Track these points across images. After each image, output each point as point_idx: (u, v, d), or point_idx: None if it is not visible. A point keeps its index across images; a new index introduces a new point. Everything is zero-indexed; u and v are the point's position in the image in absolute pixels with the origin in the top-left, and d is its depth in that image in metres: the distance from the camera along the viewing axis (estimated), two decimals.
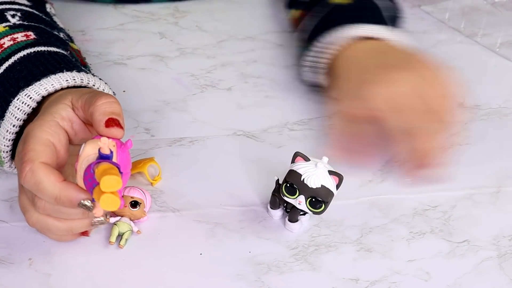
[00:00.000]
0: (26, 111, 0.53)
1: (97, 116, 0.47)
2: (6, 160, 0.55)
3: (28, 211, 0.49)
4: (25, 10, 0.63)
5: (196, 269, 0.51)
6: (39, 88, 0.53)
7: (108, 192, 0.43)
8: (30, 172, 0.46)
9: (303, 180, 0.51)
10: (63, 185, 0.46)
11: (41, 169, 0.46)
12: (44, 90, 0.53)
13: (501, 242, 0.54)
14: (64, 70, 0.54)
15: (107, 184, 0.43)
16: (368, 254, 0.53)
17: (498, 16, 0.86)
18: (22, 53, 0.56)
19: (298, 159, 0.52)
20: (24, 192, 0.49)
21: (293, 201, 0.52)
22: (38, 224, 0.49)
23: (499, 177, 0.61)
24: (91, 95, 0.49)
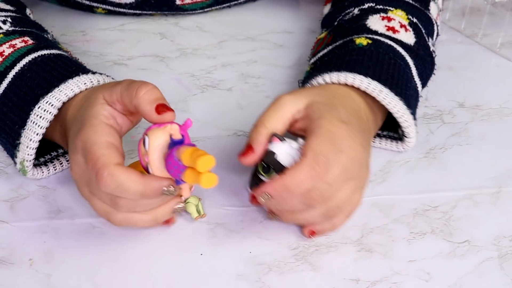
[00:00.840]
0: (48, 119, 0.53)
1: (144, 106, 0.49)
2: (29, 169, 0.55)
3: (110, 213, 0.50)
4: (14, 16, 0.63)
5: (197, 269, 0.51)
6: (59, 95, 0.53)
7: (206, 171, 0.46)
8: (109, 176, 0.47)
9: (277, 159, 0.52)
10: (145, 180, 0.48)
11: (119, 171, 0.47)
12: (65, 96, 0.53)
13: (501, 243, 0.54)
14: (80, 73, 0.54)
15: (204, 164, 0.45)
16: (368, 255, 0.53)
17: (499, 16, 0.86)
18: (26, 59, 0.56)
19: (274, 139, 0.53)
20: (97, 198, 0.50)
21: (268, 179, 0.53)
22: (125, 222, 0.50)
23: (500, 177, 0.61)
24: (126, 87, 0.50)
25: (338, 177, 0.50)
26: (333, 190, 0.50)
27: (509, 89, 0.74)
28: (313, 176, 0.49)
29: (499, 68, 0.77)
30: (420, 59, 0.63)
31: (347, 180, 0.51)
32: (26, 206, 0.55)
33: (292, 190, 0.49)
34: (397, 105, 0.57)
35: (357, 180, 0.52)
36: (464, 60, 0.78)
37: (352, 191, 0.52)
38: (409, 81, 0.61)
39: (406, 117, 0.58)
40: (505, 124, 0.68)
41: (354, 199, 0.53)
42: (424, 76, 0.64)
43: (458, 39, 0.82)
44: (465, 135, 0.66)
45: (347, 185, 0.51)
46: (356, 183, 0.52)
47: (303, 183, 0.49)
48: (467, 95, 0.72)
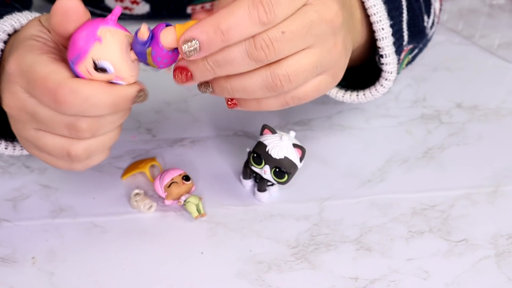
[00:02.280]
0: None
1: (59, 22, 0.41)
2: None
3: (70, 147, 0.43)
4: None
5: (197, 268, 0.51)
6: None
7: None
8: (71, 93, 0.39)
9: (268, 151, 0.53)
10: (113, 88, 0.41)
11: (81, 84, 0.40)
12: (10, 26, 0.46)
13: (498, 241, 0.55)
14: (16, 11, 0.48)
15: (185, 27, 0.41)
16: (367, 253, 0.53)
17: (496, 17, 0.87)
18: None
19: (265, 131, 0.55)
20: (48, 132, 0.43)
21: (259, 170, 0.55)
22: (88, 154, 0.44)
23: (497, 176, 0.62)
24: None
25: (297, 30, 0.40)
26: (287, 45, 0.41)
27: (506, 89, 0.74)
28: (255, 16, 0.39)
29: (496, 69, 0.78)
30: (413, 10, 0.58)
31: (310, 44, 0.42)
32: (28, 205, 0.55)
33: (227, 34, 0.39)
34: (378, 7, 0.51)
35: (325, 64, 0.44)
36: (461, 61, 0.78)
37: (314, 67, 0.43)
38: (400, 11, 0.55)
39: (385, 24, 0.51)
40: (502, 124, 0.69)
41: (313, 82, 0.44)
42: (412, 28, 0.58)
43: (455, 40, 0.83)
44: (463, 135, 0.67)
45: (309, 54, 0.42)
46: (323, 68, 0.44)
47: (241, 24, 0.39)
48: (465, 95, 0.72)
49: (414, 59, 0.64)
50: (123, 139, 0.63)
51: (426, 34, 0.62)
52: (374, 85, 0.55)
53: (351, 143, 0.65)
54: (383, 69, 0.54)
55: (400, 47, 0.56)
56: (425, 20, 0.62)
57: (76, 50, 0.41)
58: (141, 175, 0.59)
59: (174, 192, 0.55)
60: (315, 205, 0.57)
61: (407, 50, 0.59)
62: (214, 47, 0.40)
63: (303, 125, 0.66)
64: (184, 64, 0.43)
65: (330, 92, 0.57)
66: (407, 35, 0.57)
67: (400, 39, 0.55)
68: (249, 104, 0.46)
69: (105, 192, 0.57)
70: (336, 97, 0.57)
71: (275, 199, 0.58)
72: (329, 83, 0.46)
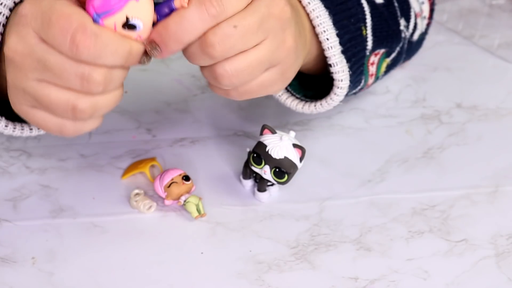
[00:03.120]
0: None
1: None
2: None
3: (76, 102, 0.41)
4: None
5: (197, 268, 0.51)
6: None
7: None
8: (92, 36, 0.38)
9: (268, 151, 0.53)
10: (126, 38, 0.40)
11: (102, 29, 0.39)
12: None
13: (498, 241, 0.55)
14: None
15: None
16: (367, 253, 0.53)
17: (496, 17, 0.87)
18: None
19: (265, 131, 0.55)
20: (52, 85, 0.41)
21: (259, 170, 0.55)
22: (92, 112, 0.42)
23: (497, 176, 0.62)
24: None
25: (249, 24, 0.42)
26: (240, 41, 0.42)
27: (506, 89, 0.74)
28: (204, 15, 0.40)
29: (496, 69, 0.78)
30: (379, 15, 0.59)
31: (261, 40, 0.43)
32: (28, 205, 0.55)
33: (180, 36, 0.41)
34: (322, 18, 0.52)
35: (273, 60, 0.44)
36: (461, 61, 0.79)
37: (262, 62, 0.44)
38: (353, 13, 0.55)
39: (330, 34, 0.52)
40: (502, 124, 0.69)
41: (260, 78, 0.45)
42: (379, 33, 0.59)
43: (455, 40, 0.83)
44: (463, 135, 0.67)
45: (258, 50, 0.43)
46: (271, 64, 0.45)
47: (193, 25, 0.41)
48: (465, 95, 0.72)
49: (396, 61, 0.64)
50: (123, 139, 0.63)
51: (401, 38, 0.63)
52: (329, 95, 0.56)
53: (351, 143, 0.65)
54: (334, 77, 0.55)
55: (360, 53, 0.56)
56: (401, 23, 0.63)
57: (108, 5, 0.40)
58: (141, 175, 0.59)
59: (174, 192, 0.55)
60: (315, 205, 0.57)
61: (380, 54, 0.60)
62: (172, 49, 0.42)
63: (303, 125, 0.67)
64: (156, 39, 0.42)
65: (291, 104, 0.58)
66: (371, 40, 0.58)
67: (358, 46, 0.56)
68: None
69: (105, 192, 0.57)
70: (296, 108, 0.58)
71: (275, 199, 0.58)
72: (275, 80, 0.47)
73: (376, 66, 0.60)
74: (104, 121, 0.64)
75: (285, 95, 0.58)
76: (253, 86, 0.46)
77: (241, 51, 0.43)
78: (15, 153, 0.60)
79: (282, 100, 0.59)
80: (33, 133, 0.52)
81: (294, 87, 0.59)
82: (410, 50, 0.68)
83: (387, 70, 0.63)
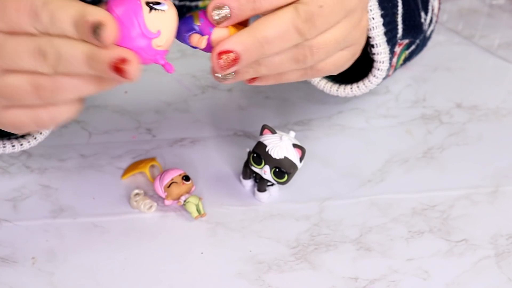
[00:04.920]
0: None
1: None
2: None
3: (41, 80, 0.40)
4: None
5: (197, 268, 0.51)
6: None
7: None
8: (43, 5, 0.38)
9: (268, 151, 0.53)
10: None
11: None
12: None
13: (498, 241, 0.55)
14: None
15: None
16: (367, 253, 0.53)
17: (496, 17, 0.87)
18: None
19: (265, 131, 0.55)
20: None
21: (259, 170, 0.55)
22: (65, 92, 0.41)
23: (497, 177, 0.62)
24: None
25: (334, 4, 0.43)
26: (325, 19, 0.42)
27: (506, 89, 0.74)
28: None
29: (496, 69, 0.78)
30: (408, 4, 0.59)
31: (341, 19, 0.44)
32: (28, 205, 0.55)
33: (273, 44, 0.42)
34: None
35: (349, 40, 0.45)
36: (461, 61, 0.79)
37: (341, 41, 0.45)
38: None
39: (375, 14, 0.52)
40: (502, 124, 0.69)
41: (335, 57, 0.46)
42: (408, 22, 0.59)
43: (455, 40, 0.83)
44: (463, 135, 0.67)
45: (337, 29, 0.44)
46: (347, 44, 0.46)
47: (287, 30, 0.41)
48: (465, 95, 0.72)
49: (412, 56, 0.64)
50: (123, 139, 0.63)
51: (423, 30, 0.63)
52: (367, 76, 0.56)
53: (351, 143, 0.65)
54: (375, 59, 0.54)
55: (394, 39, 0.56)
56: (422, 16, 0.62)
57: None
58: (141, 175, 0.59)
59: (174, 192, 0.55)
60: (315, 205, 0.57)
61: (404, 44, 0.59)
62: (245, 13, 0.41)
63: (303, 125, 0.67)
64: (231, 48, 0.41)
65: (324, 87, 0.57)
66: (401, 28, 0.57)
67: (393, 31, 0.56)
68: (270, 77, 0.46)
69: (105, 192, 0.57)
70: (331, 91, 0.57)
71: (275, 199, 0.58)
72: (348, 59, 0.47)
73: (397, 57, 0.59)
74: (104, 121, 0.65)
75: (318, 77, 0.57)
76: (328, 64, 0.46)
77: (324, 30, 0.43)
78: (15, 153, 0.60)
79: (315, 82, 0.57)
80: (24, 146, 0.52)
81: None
82: (423, 46, 0.68)
83: (402, 63, 0.63)
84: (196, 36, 0.43)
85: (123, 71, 0.39)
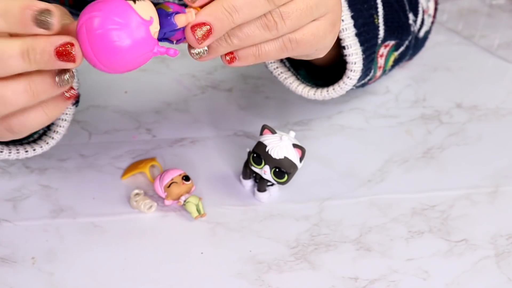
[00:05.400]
0: None
1: None
2: None
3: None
4: None
5: (197, 268, 0.51)
6: None
7: None
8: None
9: (268, 151, 0.53)
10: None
11: None
12: None
13: (498, 241, 0.55)
14: None
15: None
16: (367, 253, 0.53)
17: (496, 17, 0.87)
18: None
19: (265, 131, 0.55)
20: None
21: (259, 170, 0.55)
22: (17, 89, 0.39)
23: (497, 176, 0.62)
24: None
25: None
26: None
27: (505, 89, 0.74)
28: None
29: (496, 69, 0.78)
30: (390, 5, 0.59)
31: None
32: (28, 205, 0.55)
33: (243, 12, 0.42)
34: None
35: (321, 7, 0.45)
36: (461, 61, 0.79)
37: (310, 7, 0.44)
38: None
39: (345, 16, 0.52)
40: (502, 124, 0.69)
41: (311, 26, 0.45)
42: (390, 23, 0.59)
43: (455, 40, 0.83)
44: (463, 135, 0.67)
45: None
46: (320, 12, 0.45)
47: None
48: (465, 95, 0.72)
49: (403, 57, 0.64)
50: (123, 139, 0.64)
51: (410, 32, 0.63)
52: (342, 78, 0.56)
53: (351, 143, 0.65)
54: (347, 60, 0.54)
55: (373, 39, 0.56)
56: (410, 17, 0.63)
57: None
58: (141, 175, 0.59)
59: (174, 192, 0.55)
60: (315, 205, 0.57)
61: (390, 46, 0.59)
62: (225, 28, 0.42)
63: (303, 125, 0.67)
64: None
65: (302, 91, 0.58)
66: (383, 29, 0.57)
67: (370, 32, 0.56)
68: (248, 53, 0.46)
69: (105, 192, 0.57)
70: (308, 95, 0.58)
71: (275, 199, 0.58)
72: (326, 29, 0.47)
73: (384, 58, 0.60)
74: (104, 121, 0.65)
75: (296, 83, 0.58)
76: (306, 35, 0.45)
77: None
78: None
79: (293, 87, 0.58)
80: (37, 151, 0.53)
81: (303, 76, 0.59)
82: (416, 47, 0.68)
83: (394, 64, 0.63)
84: (182, 15, 0.42)
85: (70, 54, 0.38)
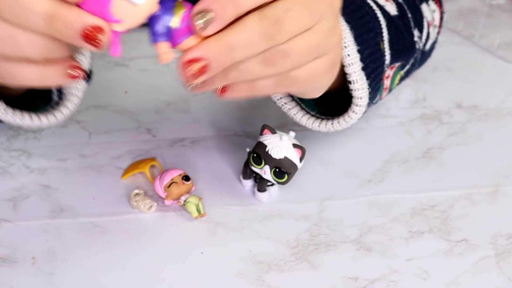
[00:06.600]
0: None
1: None
2: None
3: None
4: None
5: (197, 268, 0.51)
6: None
7: None
8: None
9: (268, 151, 0.53)
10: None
11: None
12: None
13: (498, 241, 0.55)
14: None
15: None
16: (367, 253, 0.53)
17: (496, 17, 0.87)
18: None
19: (265, 131, 0.55)
20: None
21: (259, 170, 0.55)
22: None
23: (497, 176, 0.62)
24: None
25: (302, 8, 0.42)
26: (293, 23, 0.41)
27: (505, 89, 0.74)
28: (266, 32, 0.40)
29: (496, 69, 0.78)
30: (395, 28, 0.58)
31: (312, 25, 0.43)
32: (28, 205, 0.55)
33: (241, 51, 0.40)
34: (344, 33, 0.50)
35: (323, 47, 0.44)
36: (461, 61, 0.79)
37: (314, 47, 0.44)
38: (374, 33, 0.55)
39: (351, 50, 0.51)
40: (502, 124, 0.69)
41: (311, 65, 0.45)
42: (396, 47, 0.58)
43: (455, 40, 0.83)
44: (463, 135, 0.67)
45: (309, 34, 0.43)
46: (321, 51, 0.45)
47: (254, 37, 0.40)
48: (465, 95, 0.72)
49: (409, 73, 0.64)
50: (123, 139, 0.64)
51: (415, 50, 0.62)
52: (347, 112, 0.55)
53: (351, 143, 0.65)
54: (353, 95, 0.54)
55: (379, 68, 0.55)
56: (415, 34, 0.62)
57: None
58: (141, 175, 0.59)
59: (174, 192, 0.55)
60: (315, 205, 0.57)
61: (396, 67, 0.59)
62: (229, 15, 0.40)
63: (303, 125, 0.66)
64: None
65: (306, 122, 0.57)
66: (389, 54, 0.57)
67: (377, 61, 0.55)
68: (242, 87, 0.45)
69: (105, 192, 0.57)
70: (313, 127, 0.57)
71: (275, 199, 0.58)
72: (325, 69, 0.46)
73: (390, 79, 0.59)
74: (104, 121, 0.65)
75: (301, 113, 0.57)
76: (303, 73, 0.45)
77: (295, 35, 0.42)
78: (15, 153, 0.60)
79: (297, 118, 0.58)
80: (35, 122, 0.51)
81: (307, 103, 0.58)
82: (422, 60, 0.68)
83: (399, 82, 0.63)
84: (164, 45, 0.40)
85: (96, 40, 0.38)
